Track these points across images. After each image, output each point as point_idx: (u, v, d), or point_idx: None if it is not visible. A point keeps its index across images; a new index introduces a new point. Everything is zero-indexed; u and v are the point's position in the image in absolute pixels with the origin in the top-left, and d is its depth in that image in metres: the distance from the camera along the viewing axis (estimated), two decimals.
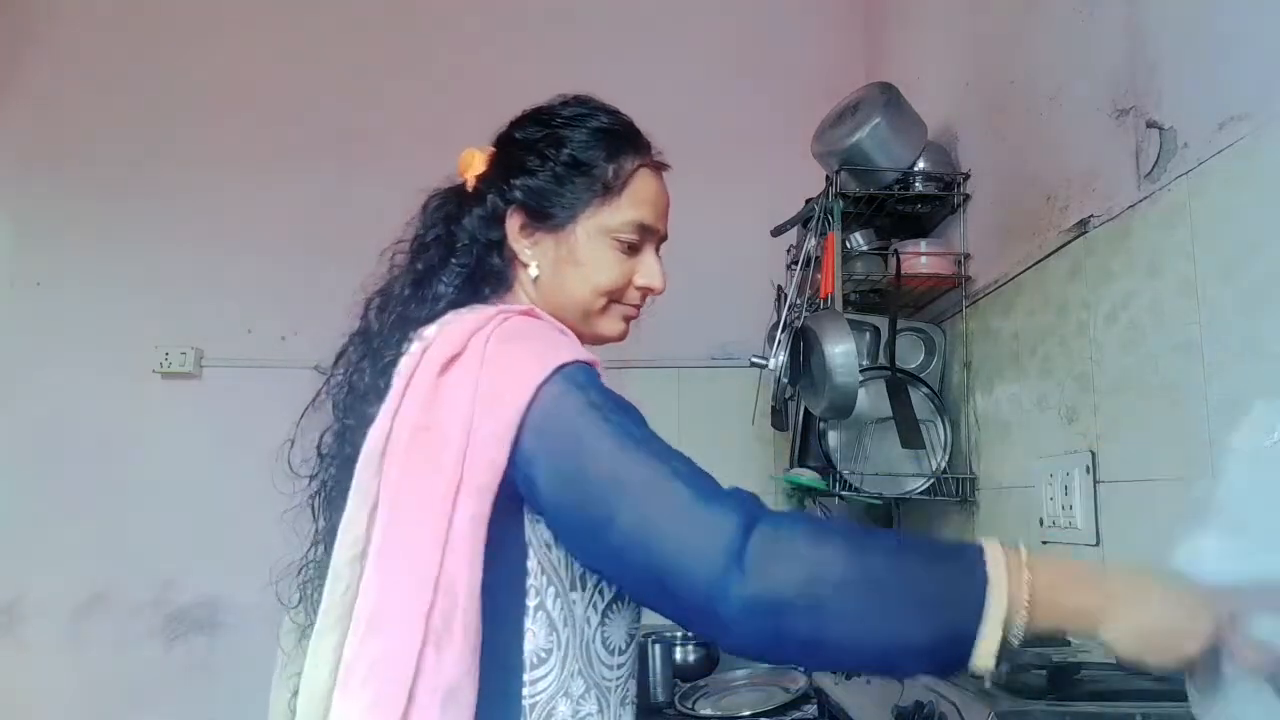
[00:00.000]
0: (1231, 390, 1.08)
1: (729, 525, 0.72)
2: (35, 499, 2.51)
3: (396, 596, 0.78)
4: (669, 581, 0.73)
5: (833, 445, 1.98)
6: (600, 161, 0.96)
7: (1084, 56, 1.47)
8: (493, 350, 0.83)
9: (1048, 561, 0.71)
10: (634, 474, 0.76)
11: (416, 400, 0.83)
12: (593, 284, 0.97)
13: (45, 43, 2.74)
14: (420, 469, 0.81)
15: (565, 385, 0.80)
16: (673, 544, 0.73)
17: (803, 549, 0.71)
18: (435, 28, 2.78)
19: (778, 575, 0.70)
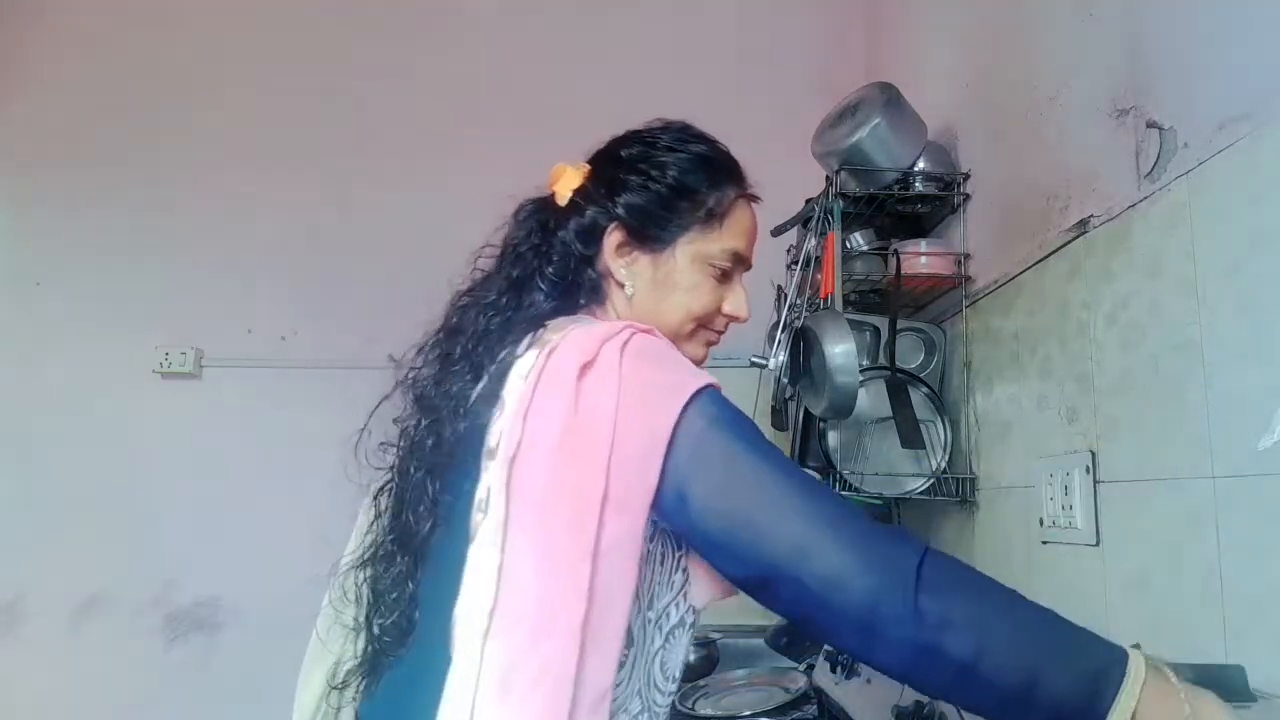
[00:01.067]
0: (1231, 390, 1.08)
1: (908, 548, 0.74)
2: (35, 499, 2.51)
3: (556, 603, 0.77)
4: (837, 596, 0.74)
5: (833, 445, 1.97)
6: (703, 188, 1.00)
7: (1084, 56, 1.47)
8: (630, 366, 0.83)
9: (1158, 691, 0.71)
10: (793, 491, 0.78)
11: (558, 402, 0.81)
12: (687, 308, 1.00)
13: (45, 43, 2.74)
14: (569, 473, 0.80)
15: (712, 410, 0.82)
16: (851, 558, 0.74)
17: (970, 580, 0.74)
18: (436, 28, 2.78)
19: (951, 596, 0.72)
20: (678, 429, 0.80)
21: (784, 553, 0.76)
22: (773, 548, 0.77)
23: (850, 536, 0.75)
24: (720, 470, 0.80)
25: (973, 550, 1.84)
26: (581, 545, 0.78)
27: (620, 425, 0.79)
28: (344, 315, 2.52)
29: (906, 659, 0.73)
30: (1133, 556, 1.27)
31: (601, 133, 1.08)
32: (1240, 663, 1.00)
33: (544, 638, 0.76)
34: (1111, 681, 0.70)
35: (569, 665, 0.76)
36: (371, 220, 2.57)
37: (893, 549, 0.74)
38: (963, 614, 0.72)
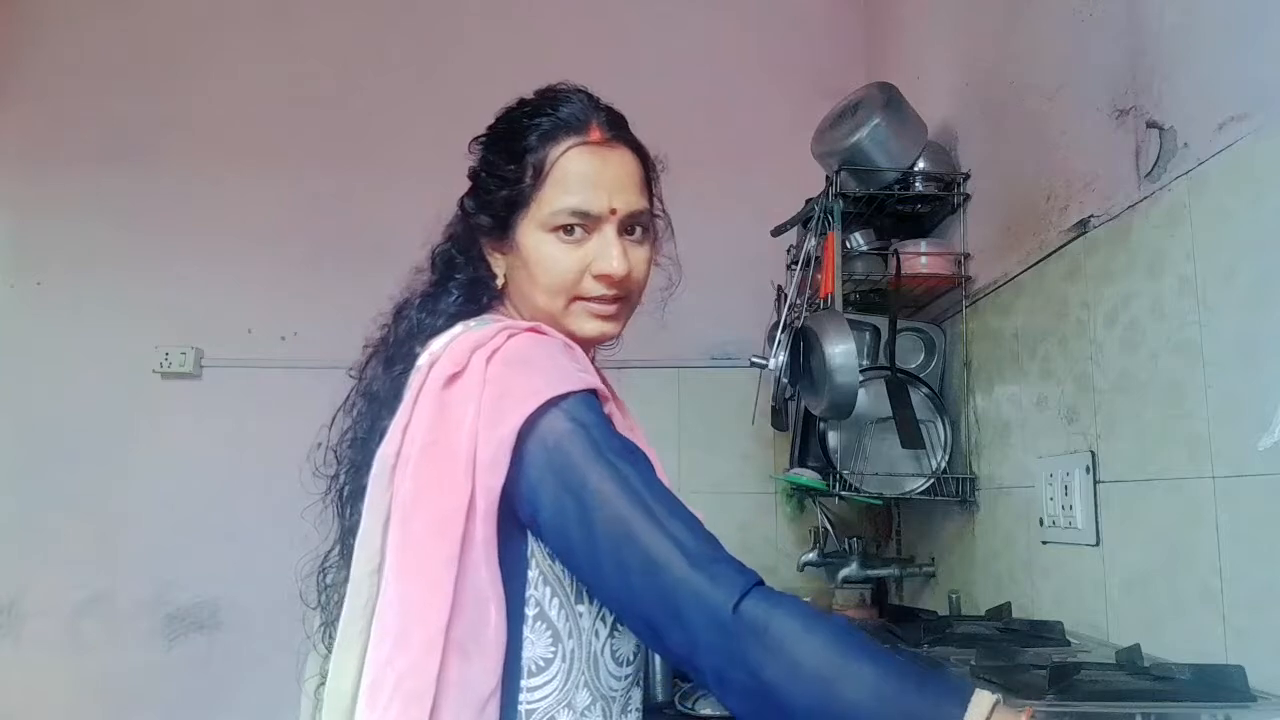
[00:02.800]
0: (1231, 390, 1.08)
1: (722, 594, 0.72)
2: (35, 499, 2.51)
3: (416, 612, 0.79)
4: (662, 635, 0.75)
5: (833, 445, 1.97)
6: (520, 159, 0.94)
7: (1084, 56, 1.47)
8: (494, 371, 0.83)
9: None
10: (634, 531, 0.76)
11: (424, 416, 0.83)
12: (544, 284, 0.93)
13: (46, 44, 2.74)
14: (430, 485, 0.81)
15: (569, 424, 0.80)
16: (670, 602, 0.73)
17: (791, 630, 0.70)
18: (437, 28, 2.78)
19: (760, 656, 0.70)
20: (528, 439, 0.80)
21: (610, 601, 0.81)
22: (601, 595, 0.81)
23: (662, 589, 0.73)
24: (568, 494, 0.78)
25: (973, 550, 1.85)
26: (443, 554, 0.79)
27: (481, 432, 0.80)
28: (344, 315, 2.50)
29: (733, 707, 0.73)
30: (1133, 556, 1.27)
31: None
32: (1240, 663, 1.00)
33: (401, 650, 0.79)
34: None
35: (425, 678, 0.77)
36: (372, 220, 2.56)
37: (713, 604, 0.71)
38: (777, 674, 0.69)
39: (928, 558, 2.10)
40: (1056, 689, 0.94)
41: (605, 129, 0.95)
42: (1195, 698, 0.95)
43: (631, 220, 0.95)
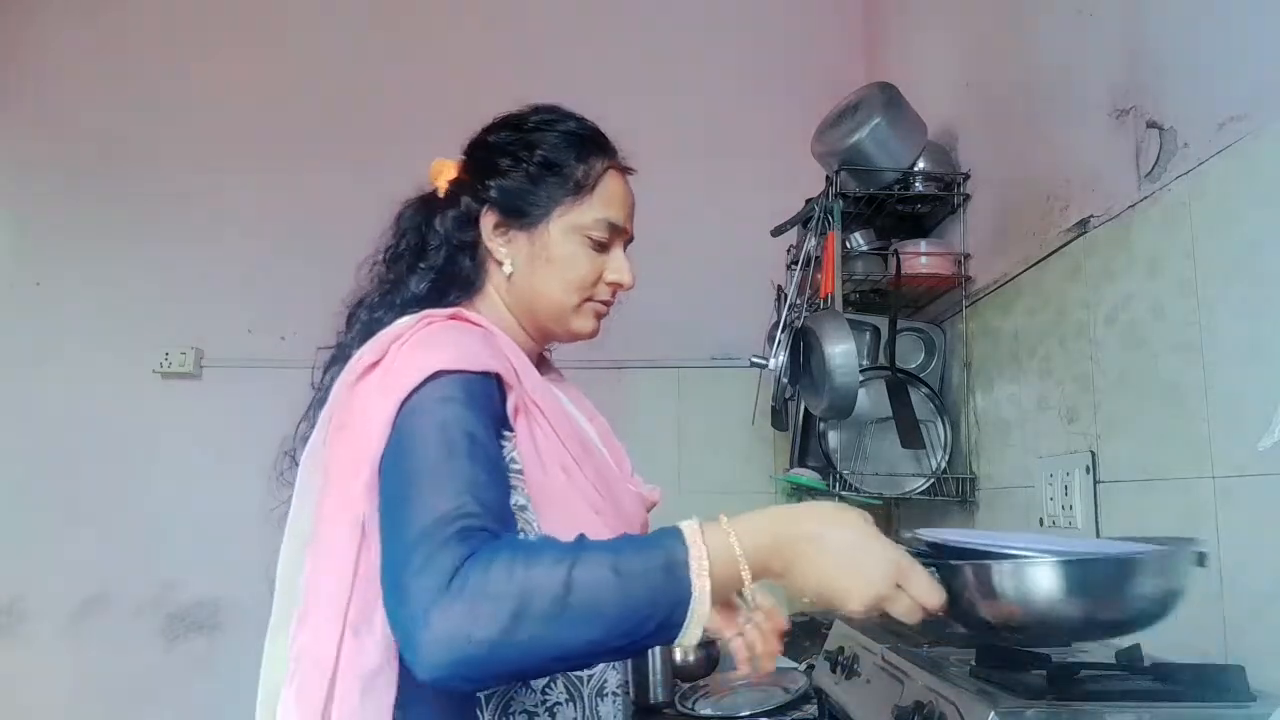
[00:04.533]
0: (1231, 390, 1.08)
1: (438, 566, 0.69)
2: (36, 499, 2.51)
3: (322, 591, 0.83)
4: (388, 601, 0.73)
5: (833, 445, 1.98)
6: (571, 162, 1.00)
7: (1084, 56, 1.47)
8: (399, 358, 0.86)
9: (737, 526, 0.75)
10: (404, 495, 0.76)
11: (341, 404, 0.87)
12: (566, 280, 1.00)
13: (46, 44, 2.74)
14: (339, 469, 0.85)
15: (440, 393, 0.81)
16: (389, 580, 0.73)
17: (506, 585, 0.68)
18: (437, 29, 2.78)
19: (479, 619, 0.67)
20: (402, 409, 0.81)
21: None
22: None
23: (405, 550, 0.72)
24: (394, 451, 0.80)
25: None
26: (345, 532, 0.82)
27: (376, 411, 0.82)
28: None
29: (443, 682, 0.69)
30: None
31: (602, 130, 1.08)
32: (1240, 663, 1.00)
33: (305, 626, 0.82)
34: (676, 622, 0.70)
35: (327, 649, 0.80)
36: (372, 220, 2.56)
37: (426, 582, 0.69)
38: (489, 637, 0.67)
39: None
40: (1056, 689, 0.94)
41: (623, 159, 1.07)
42: (1195, 698, 0.95)
43: (629, 241, 1.07)
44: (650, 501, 1.08)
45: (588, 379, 1.20)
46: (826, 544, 0.75)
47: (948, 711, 0.98)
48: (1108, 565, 0.80)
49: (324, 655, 0.80)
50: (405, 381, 0.82)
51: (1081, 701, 0.92)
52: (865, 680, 1.34)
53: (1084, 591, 0.78)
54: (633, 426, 2.64)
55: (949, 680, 1.04)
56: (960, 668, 1.12)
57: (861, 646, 1.40)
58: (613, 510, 0.95)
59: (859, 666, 1.38)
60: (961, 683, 1.03)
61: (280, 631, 0.88)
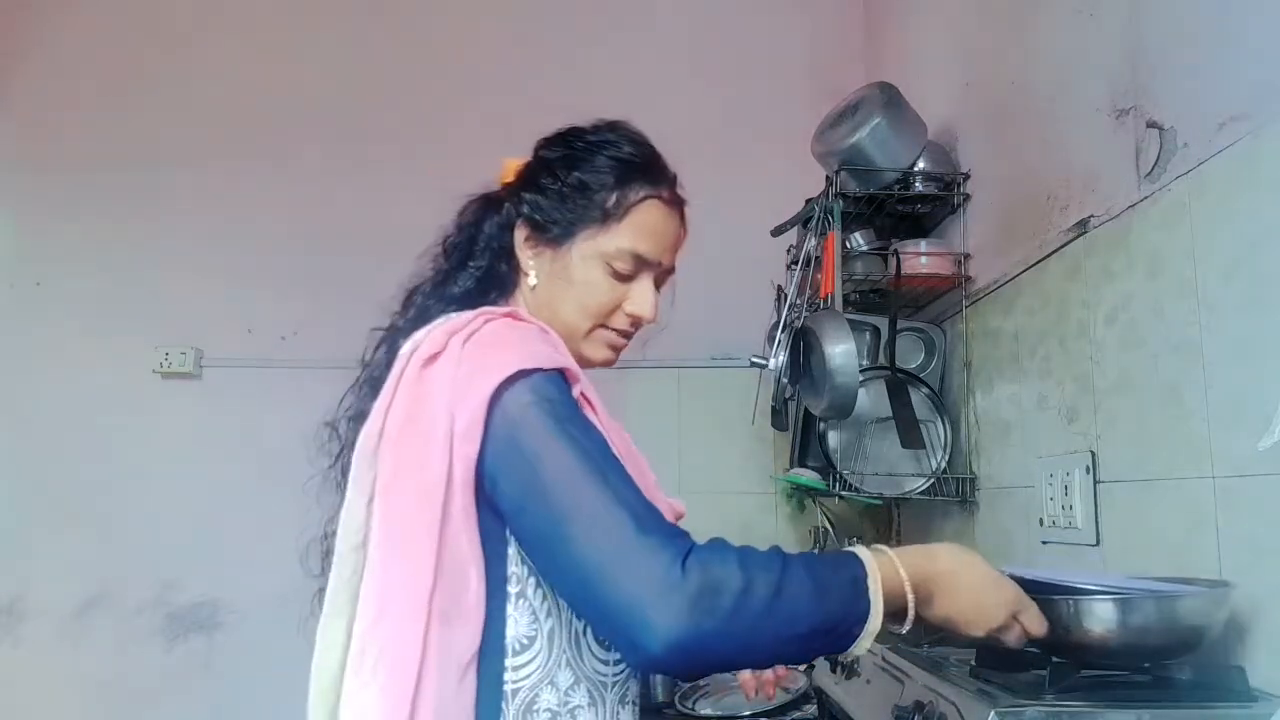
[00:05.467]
0: (1231, 390, 1.08)
1: (665, 558, 0.74)
2: (35, 499, 2.51)
3: (399, 582, 0.82)
4: (600, 596, 0.76)
5: (833, 445, 1.98)
6: (606, 188, 0.99)
7: (1084, 56, 1.47)
8: (468, 351, 0.86)
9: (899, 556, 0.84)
10: (586, 497, 0.78)
11: (404, 397, 0.87)
12: (579, 304, 1.00)
13: (45, 44, 2.74)
14: (410, 460, 0.85)
15: (532, 395, 0.83)
16: (617, 564, 0.75)
17: (731, 580, 0.74)
18: (436, 28, 2.78)
19: (706, 609, 0.73)
20: (493, 409, 0.82)
21: (548, 563, 0.82)
22: (540, 557, 0.83)
23: (622, 553, 0.75)
24: (525, 464, 0.81)
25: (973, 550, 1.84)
26: (424, 525, 0.82)
27: (454, 406, 0.83)
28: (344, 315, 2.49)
29: (673, 668, 0.76)
30: (1133, 556, 1.27)
31: None
32: (1240, 663, 1.00)
33: (384, 620, 0.82)
34: (854, 627, 0.79)
35: (410, 647, 0.80)
36: (372, 220, 2.56)
37: (658, 568, 0.74)
38: (719, 624, 0.73)
39: None
40: (1056, 689, 0.94)
41: (675, 191, 1.06)
42: (1195, 698, 0.95)
43: (666, 275, 1.06)
44: (678, 513, 1.07)
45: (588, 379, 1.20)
46: (961, 579, 0.87)
47: (948, 711, 0.98)
48: (1193, 599, 0.97)
49: (410, 646, 0.80)
50: (489, 380, 0.82)
51: (1081, 701, 0.92)
52: (865, 680, 1.34)
53: (1169, 621, 0.95)
54: (633, 426, 2.65)
55: (949, 680, 1.04)
56: (960, 668, 1.12)
57: None
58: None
59: (859, 666, 1.38)
60: (961, 683, 1.03)
61: (337, 618, 0.86)
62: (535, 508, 0.80)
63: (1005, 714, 0.90)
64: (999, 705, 0.91)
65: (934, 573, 0.85)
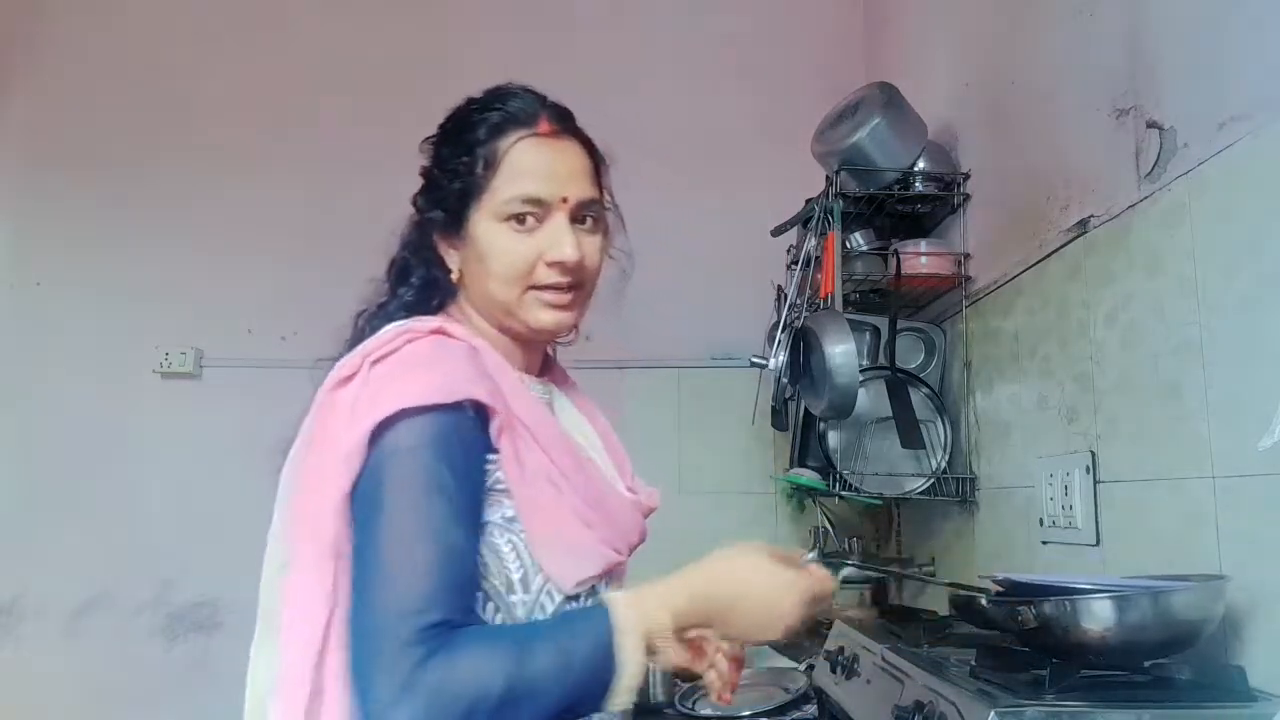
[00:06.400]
0: (1231, 390, 1.08)
1: (406, 664, 0.73)
2: (35, 499, 2.51)
3: (301, 609, 0.82)
4: (354, 679, 0.77)
5: (833, 445, 1.98)
6: (471, 152, 0.96)
7: (1084, 56, 1.47)
8: (375, 373, 0.86)
9: (659, 599, 0.82)
10: (383, 567, 0.78)
11: (312, 420, 0.88)
12: (496, 274, 0.94)
13: (46, 45, 2.74)
14: (309, 483, 0.85)
15: (408, 440, 0.81)
16: (359, 652, 0.77)
17: (465, 687, 0.73)
18: (436, 29, 2.78)
19: (440, 714, 0.72)
20: (374, 445, 0.81)
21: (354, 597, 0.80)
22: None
23: (374, 628, 0.76)
24: (365, 517, 0.81)
25: (973, 550, 1.85)
26: (321, 549, 0.81)
27: (347, 431, 0.82)
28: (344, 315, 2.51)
29: None
30: (1133, 556, 1.27)
31: (602, 131, 1.07)
32: (1240, 663, 1.01)
33: (289, 646, 0.82)
34: (606, 692, 0.79)
35: (308, 666, 0.80)
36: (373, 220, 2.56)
37: (394, 667, 0.73)
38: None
39: (928, 558, 2.10)
40: (1056, 689, 0.94)
41: (553, 121, 0.97)
42: (1195, 698, 0.95)
43: (583, 209, 0.96)
44: (648, 508, 1.07)
45: (587, 379, 1.19)
46: (745, 606, 0.85)
47: (948, 711, 0.98)
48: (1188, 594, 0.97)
49: (305, 673, 0.80)
50: (375, 413, 0.81)
51: (1081, 701, 0.92)
52: (865, 680, 1.34)
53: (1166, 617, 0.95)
54: (633, 426, 2.64)
55: (949, 680, 1.04)
56: (960, 668, 1.12)
57: (861, 646, 1.40)
58: (605, 522, 0.94)
59: (859, 666, 1.38)
60: (961, 683, 1.03)
61: (263, 646, 0.88)
62: (358, 549, 0.80)
63: (1005, 714, 0.90)
64: (999, 705, 0.91)
65: (712, 611, 0.84)
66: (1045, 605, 0.96)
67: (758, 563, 0.86)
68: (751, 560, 0.86)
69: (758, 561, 0.86)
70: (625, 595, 0.82)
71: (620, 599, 0.81)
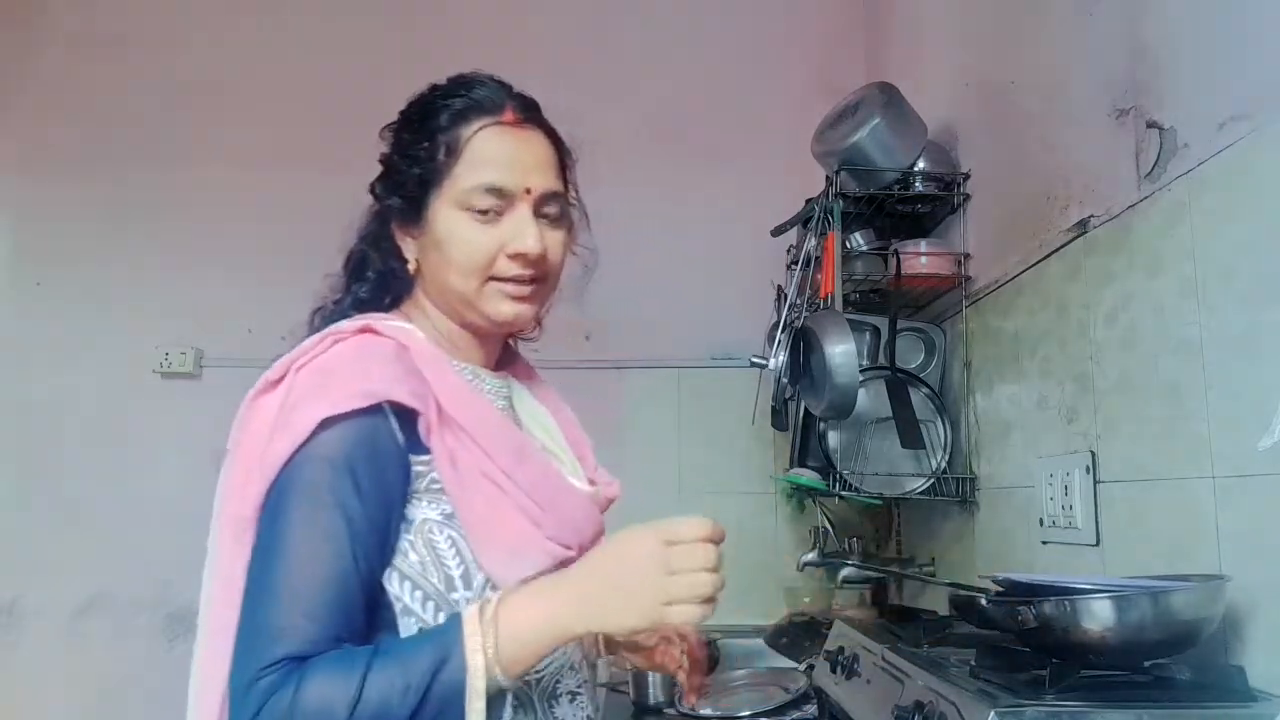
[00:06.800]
0: (1231, 390, 1.08)
1: (250, 702, 0.75)
2: (35, 499, 2.51)
3: (216, 613, 0.84)
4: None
5: (833, 445, 1.98)
6: (433, 138, 0.94)
7: (1084, 56, 1.47)
8: (299, 380, 0.85)
9: (510, 607, 0.79)
10: (265, 583, 0.79)
11: (234, 428, 0.89)
12: (455, 264, 0.92)
13: (46, 45, 2.74)
14: (229, 490, 0.87)
15: (317, 452, 0.81)
16: (235, 649, 0.79)
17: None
18: (436, 25, 2.78)
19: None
20: (291, 456, 0.81)
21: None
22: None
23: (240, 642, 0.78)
24: (264, 524, 0.82)
25: (973, 550, 1.85)
26: (239, 556, 0.82)
27: (270, 438, 0.83)
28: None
29: None
30: (1133, 556, 1.27)
31: (602, 131, 1.07)
32: (1240, 663, 1.01)
33: (203, 648, 0.85)
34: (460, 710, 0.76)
35: (219, 672, 0.80)
36: None
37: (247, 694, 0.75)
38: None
39: (928, 558, 2.10)
40: (1056, 689, 0.94)
41: (519, 111, 0.95)
42: (1195, 698, 0.95)
43: (546, 201, 0.94)
44: (607, 499, 1.05)
45: (587, 379, 1.19)
46: (601, 606, 0.79)
47: (948, 711, 0.98)
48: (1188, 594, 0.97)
49: (217, 679, 0.81)
50: (293, 428, 0.81)
51: (1081, 701, 0.92)
52: (865, 680, 1.34)
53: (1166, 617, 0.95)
54: (633, 426, 2.67)
55: (949, 680, 1.04)
56: (960, 668, 1.12)
57: (861, 646, 1.40)
58: (554, 519, 0.92)
59: (859, 666, 1.38)
60: (961, 683, 1.03)
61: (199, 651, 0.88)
62: (250, 561, 0.82)
63: (1005, 714, 0.90)
64: (999, 705, 0.91)
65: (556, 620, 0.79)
66: (1045, 605, 0.96)
67: (609, 549, 0.83)
68: (605, 549, 0.84)
69: (609, 548, 0.83)
70: (480, 603, 0.80)
71: (472, 609, 0.79)
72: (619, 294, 2.51)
